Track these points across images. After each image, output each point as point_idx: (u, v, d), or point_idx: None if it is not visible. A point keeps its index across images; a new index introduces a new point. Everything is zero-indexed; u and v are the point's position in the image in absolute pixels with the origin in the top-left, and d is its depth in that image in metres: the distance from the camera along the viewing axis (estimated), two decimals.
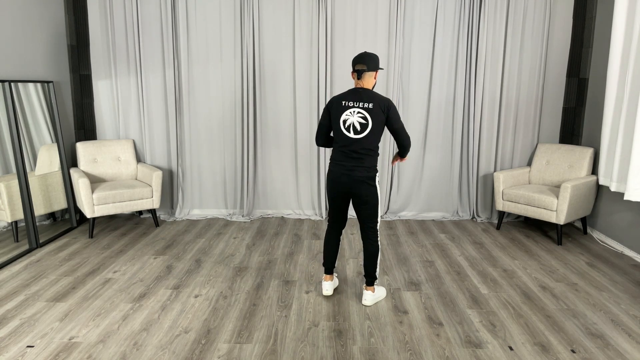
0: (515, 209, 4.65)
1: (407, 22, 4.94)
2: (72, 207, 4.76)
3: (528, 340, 2.78)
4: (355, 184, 2.99)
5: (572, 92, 5.03)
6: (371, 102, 2.94)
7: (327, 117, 3.08)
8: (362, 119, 2.94)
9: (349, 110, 2.96)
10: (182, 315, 3.03)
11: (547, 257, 4.11)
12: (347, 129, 2.97)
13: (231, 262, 3.94)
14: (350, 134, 2.96)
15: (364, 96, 2.96)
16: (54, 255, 4.07)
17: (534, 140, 5.12)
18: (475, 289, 3.45)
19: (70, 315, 3.02)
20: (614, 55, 4.09)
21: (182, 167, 5.22)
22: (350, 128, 2.96)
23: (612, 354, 2.65)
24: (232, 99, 5.08)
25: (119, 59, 5.00)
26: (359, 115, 2.94)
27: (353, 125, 2.95)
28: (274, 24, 4.94)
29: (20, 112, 4.18)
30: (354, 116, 2.95)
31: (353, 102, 2.96)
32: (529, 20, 4.88)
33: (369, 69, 2.99)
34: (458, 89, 5.02)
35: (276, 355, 2.61)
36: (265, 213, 5.30)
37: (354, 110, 2.95)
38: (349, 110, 2.96)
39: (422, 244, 4.42)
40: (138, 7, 4.89)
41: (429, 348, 2.69)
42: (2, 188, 3.94)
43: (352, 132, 2.96)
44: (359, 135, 2.95)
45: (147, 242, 4.43)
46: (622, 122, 3.99)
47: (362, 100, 2.95)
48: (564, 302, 3.26)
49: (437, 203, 5.28)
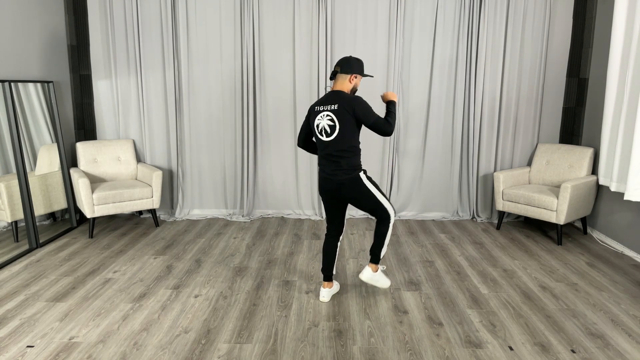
0: (515, 209, 4.65)
1: (407, 22, 4.94)
2: (72, 207, 4.76)
3: (528, 340, 2.78)
4: (340, 188, 3.04)
5: (572, 92, 5.03)
6: (336, 103, 2.96)
7: (307, 120, 3.18)
8: (330, 121, 2.98)
9: (320, 115, 3.03)
10: (182, 315, 3.03)
11: (547, 257, 4.11)
12: (320, 133, 3.04)
13: (231, 262, 3.94)
14: (323, 137, 3.03)
15: (332, 98, 3.00)
16: (54, 255, 4.07)
17: (534, 140, 5.12)
18: (475, 289, 3.45)
19: (70, 315, 3.02)
20: (614, 55, 4.09)
21: (182, 167, 5.22)
22: (323, 131, 3.02)
23: (612, 354, 2.65)
24: (232, 99, 5.08)
25: (119, 59, 5.00)
26: (327, 118, 2.99)
27: (324, 128, 3.01)
28: (274, 24, 4.94)
29: (20, 112, 4.18)
30: (324, 119, 3.00)
31: (322, 106, 3.03)
32: (529, 20, 4.88)
33: (342, 71, 3.03)
34: (458, 89, 5.02)
35: (276, 355, 2.61)
36: (265, 213, 5.30)
37: (323, 114, 3.01)
38: (320, 114, 3.03)
39: (422, 244, 4.42)
40: (138, 7, 4.89)
41: (429, 348, 2.69)
42: (2, 188, 3.94)
43: (324, 135, 3.02)
44: (330, 137, 2.99)
45: (147, 242, 4.43)
46: (622, 122, 3.99)
47: (329, 102, 3.00)
48: (564, 302, 3.26)
49: (437, 203, 5.28)
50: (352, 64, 3.03)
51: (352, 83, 3.06)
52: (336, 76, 3.06)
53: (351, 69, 3.02)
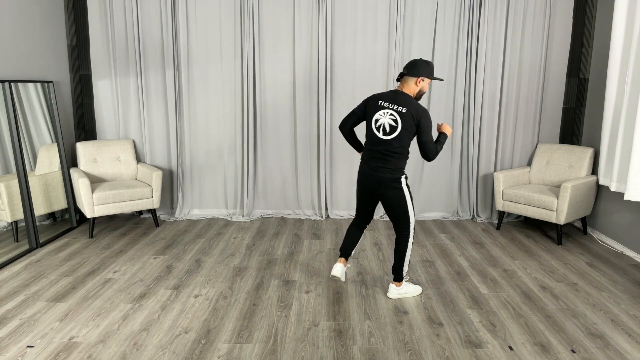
0: (515, 209, 4.65)
1: (407, 22, 4.94)
2: (72, 207, 4.76)
3: (528, 340, 2.78)
4: (379, 185, 3.05)
5: (572, 92, 5.03)
6: (405, 106, 2.96)
7: (363, 109, 3.12)
8: (393, 121, 2.97)
9: (383, 111, 3.00)
10: (182, 315, 3.03)
11: (547, 257, 4.11)
12: (377, 129, 3.02)
13: (231, 262, 3.94)
14: (379, 134, 3.01)
15: (400, 99, 2.99)
16: (54, 255, 4.07)
17: (534, 140, 5.12)
18: (475, 289, 3.45)
19: (70, 315, 3.02)
20: (614, 55, 4.09)
21: (182, 167, 5.22)
22: (380, 128, 3.01)
23: (612, 354, 2.65)
24: (232, 99, 5.08)
25: (119, 59, 5.00)
26: (390, 116, 2.98)
27: (383, 125, 3.00)
28: (274, 23, 4.94)
29: (20, 112, 4.18)
30: (386, 117, 2.99)
31: (388, 103, 3.00)
32: (529, 20, 4.88)
33: (409, 74, 3.02)
34: (458, 88, 5.02)
35: (276, 355, 2.61)
36: (265, 213, 5.30)
37: (386, 111, 2.99)
38: (382, 110, 3.00)
39: (422, 244, 4.42)
40: (138, 7, 4.89)
41: (429, 348, 2.69)
42: (2, 188, 3.94)
43: (381, 132, 3.01)
44: (387, 136, 2.99)
45: (147, 242, 4.43)
46: (622, 122, 3.99)
47: (397, 102, 2.98)
48: (564, 302, 3.26)
49: (437, 203, 5.28)
50: (420, 67, 3.01)
51: (419, 86, 3.05)
52: (403, 78, 3.05)
53: (418, 72, 3.01)
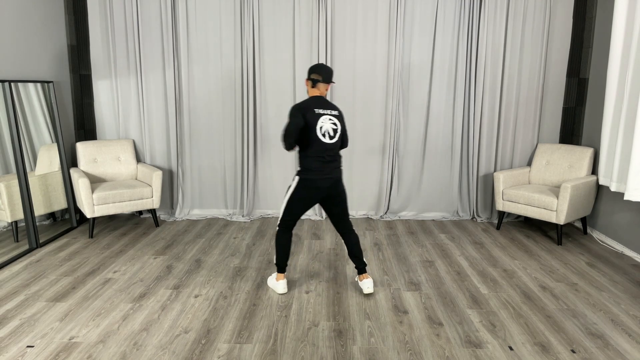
0: (515, 209, 4.65)
1: (407, 22, 4.94)
2: (72, 207, 4.76)
3: (528, 340, 2.78)
4: (337, 184, 3.25)
5: (572, 92, 5.03)
6: (335, 109, 3.25)
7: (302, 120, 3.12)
8: (334, 125, 3.19)
9: (322, 118, 3.17)
10: (182, 315, 3.03)
11: (547, 257, 4.11)
12: (324, 135, 3.17)
13: (231, 262, 3.94)
14: (326, 140, 3.17)
15: (328, 104, 3.24)
16: (54, 255, 4.07)
17: (534, 140, 5.12)
18: (475, 289, 3.45)
19: (70, 315, 3.02)
20: (614, 55, 4.09)
21: (182, 167, 5.22)
22: (326, 134, 3.16)
23: (612, 354, 2.65)
24: (232, 99, 5.08)
25: (119, 59, 5.00)
26: (331, 122, 3.18)
27: (328, 131, 3.17)
28: (274, 23, 4.94)
29: (20, 112, 4.18)
30: (327, 123, 3.17)
31: (323, 110, 3.20)
32: (529, 20, 4.88)
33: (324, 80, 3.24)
34: (458, 88, 5.02)
35: (276, 355, 2.61)
36: (265, 213, 5.30)
37: (326, 118, 3.18)
38: (322, 117, 3.17)
39: (422, 244, 4.42)
40: (138, 7, 4.88)
41: (429, 348, 2.69)
42: (2, 188, 3.94)
43: (327, 137, 3.17)
44: (332, 140, 3.18)
45: (147, 242, 4.43)
46: (622, 122, 3.99)
47: (328, 107, 3.22)
48: (564, 302, 3.26)
49: (437, 203, 5.28)
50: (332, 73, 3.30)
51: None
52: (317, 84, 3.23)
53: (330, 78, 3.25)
